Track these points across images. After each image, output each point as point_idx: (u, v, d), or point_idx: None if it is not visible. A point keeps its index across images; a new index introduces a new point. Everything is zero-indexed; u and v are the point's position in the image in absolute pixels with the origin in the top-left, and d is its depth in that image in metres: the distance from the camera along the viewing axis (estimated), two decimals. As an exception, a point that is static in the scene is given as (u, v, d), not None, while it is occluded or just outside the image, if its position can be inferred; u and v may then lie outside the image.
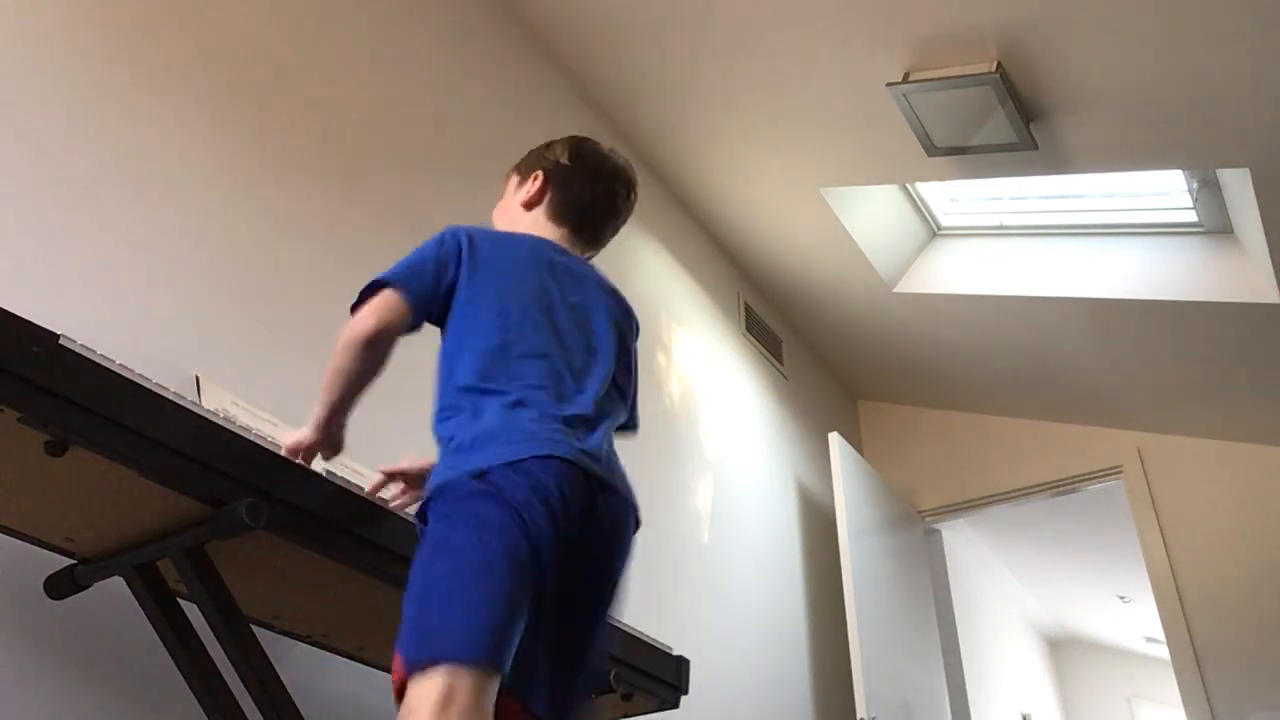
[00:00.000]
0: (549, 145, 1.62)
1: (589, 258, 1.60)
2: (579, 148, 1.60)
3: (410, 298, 1.32)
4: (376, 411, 1.99)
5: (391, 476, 1.50)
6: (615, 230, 1.64)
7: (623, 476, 1.32)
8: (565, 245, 1.52)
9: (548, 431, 1.22)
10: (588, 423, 1.30)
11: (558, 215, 1.55)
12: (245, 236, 1.97)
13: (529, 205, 1.56)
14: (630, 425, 1.58)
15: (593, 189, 1.57)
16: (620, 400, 1.46)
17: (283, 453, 1.27)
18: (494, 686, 1.03)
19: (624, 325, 1.53)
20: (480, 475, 1.15)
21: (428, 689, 0.98)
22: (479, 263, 1.37)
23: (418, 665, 1.00)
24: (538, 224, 1.54)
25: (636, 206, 3.68)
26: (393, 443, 1.91)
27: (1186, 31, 2.43)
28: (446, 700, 0.97)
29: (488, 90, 2.87)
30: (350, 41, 2.44)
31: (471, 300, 1.35)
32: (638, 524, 1.34)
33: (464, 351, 1.30)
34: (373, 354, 1.29)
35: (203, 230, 1.89)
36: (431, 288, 1.35)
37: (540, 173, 1.57)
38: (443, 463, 1.23)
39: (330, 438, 1.36)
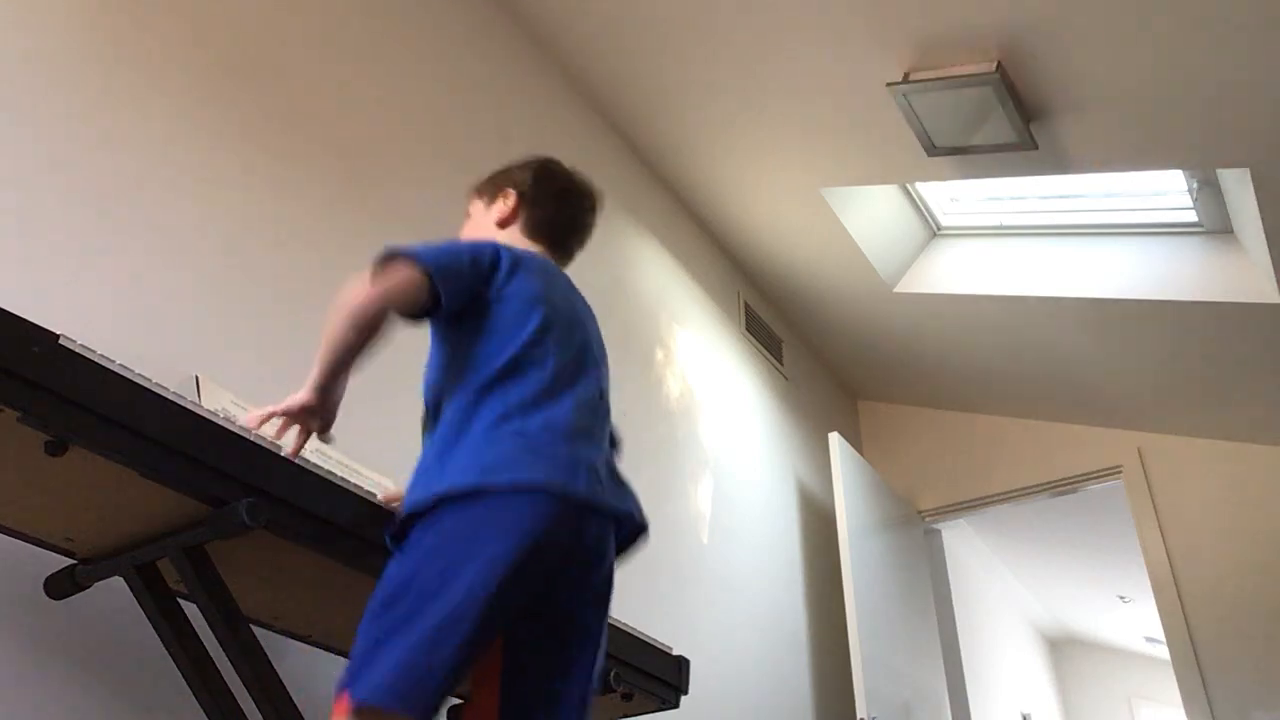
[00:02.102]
0: (510, 168, 1.67)
1: None
2: (547, 168, 1.67)
3: (439, 286, 1.30)
4: (372, 410, 1.98)
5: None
6: (582, 245, 1.69)
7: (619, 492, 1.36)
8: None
9: (554, 456, 1.24)
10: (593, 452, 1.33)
11: (532, 232, 1.60)
12: (245, 236, 1.97)
13: (503, 223, 1.61)
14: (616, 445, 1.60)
15: (562, 207, 1.63)
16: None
17: (282, 410, 1.26)
18: None
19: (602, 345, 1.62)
20: (475, 494, 1.17)
21: None
22: (519, 275, 1.40)
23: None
24: (515, 240, 1.58)
25: (634, 205, 3.67)
26: (390, 442, 1.91)
27: (1186, 32, 2.43)
28: None
29: (490, 91, 2.87)
30: (352, 42, 2.44)
31: (504, 309, 1.36)
32: (640, 530, 1.37)
33: (488, 358, 1.31)
34: (370, 332, 1.27)
35: (202, 230, 1.89)
36: (459, 282, 1.34)
37: (513, 191, 1.62)
38: (435, 472, 1.22)
39: (326, 402, 1.31)
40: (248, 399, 1.72)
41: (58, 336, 1.05)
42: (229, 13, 2.13)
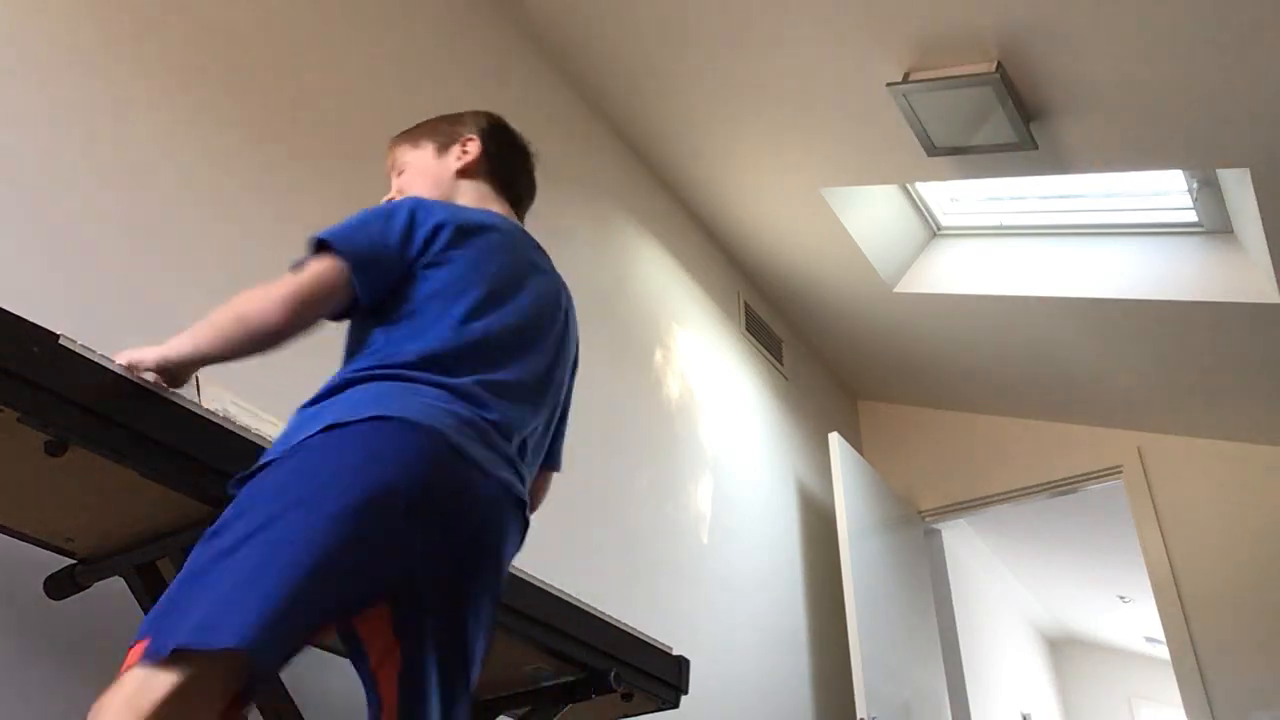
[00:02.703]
0: (461, 116, 1.50)
1: None
2: (499, 119, 1.51)
3: (360, 290, 1.15)
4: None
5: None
6: (528, 207, 1.53)
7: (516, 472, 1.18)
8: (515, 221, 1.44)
9: (436, 404, 1.08)
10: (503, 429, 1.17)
11: (496, 186, 1.45)
12: (245, 236, 1.97)
13: (465, 172, 1.44)
14: (552, 462, 1.43)
15: (519, 162, 1.49)
16: (545, 431, 1.33)
17: (125, 364, 1.13)
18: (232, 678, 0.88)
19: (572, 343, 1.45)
20: (326, 429, 1.01)
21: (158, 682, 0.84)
22: (455, 254, 1.23)
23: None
24: (480, 192, 1.43)
25: (634, 205, 3.67)
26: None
27: (1187, 32, 2.43)
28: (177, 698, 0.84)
29: (488, 89, 2.87)
30: (350, 40, 2.44)
31: (437, 290, 1.20)
32: (525, 524, 1.21)
33: (404, 341, 1.15)
34: (266, 346, 1.14)
35: (202, 229, 1.89)
36: (384, 279, 1.18)
37: (476, 139, 1.45)
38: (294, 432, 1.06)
39: (174, 380, 1.17)
40: (248, 399, 1.72)
41: (58, 336, 1.05)
42: (229, 14, 2.13)
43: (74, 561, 1.36)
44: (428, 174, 1.45)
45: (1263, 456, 3.78)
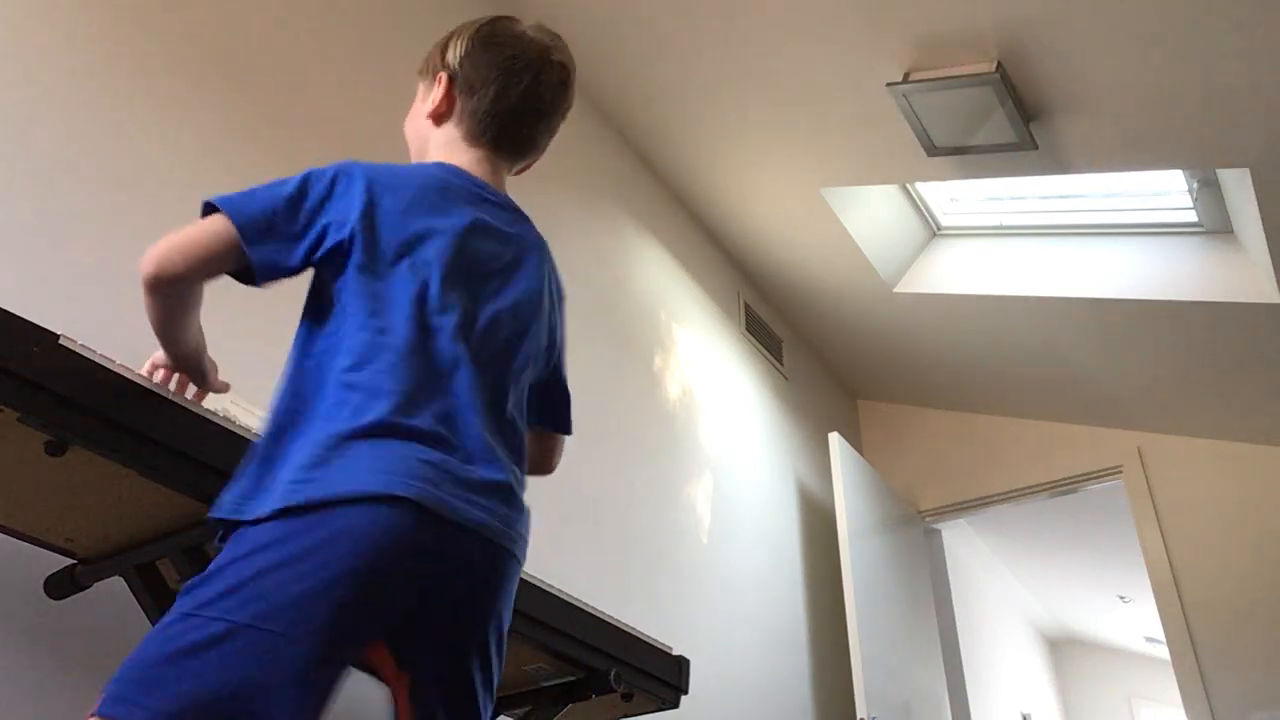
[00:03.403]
0: (449, 37, 1.27)
1: (524, 167, 1.31)
2: (486, 34, 1.24)
3: (245, 245, 1.09)
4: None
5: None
6: (552, 130, 1.29)
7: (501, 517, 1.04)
8: (487, 169, 1.21)
9: (408, 464, 0.96)
10: (480, 452, 1.04)
11: (472, 129, 1.22)
12: (245, 236, 1.97)
13: (437, 117, 1.24)
14: (559, 426, 1.31)
15: (511, 85, 1.21)
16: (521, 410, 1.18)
17: (151, 364, 1.21)
18: None
19: (554, 301, 1.26)
20: (297, 510, 0.91)
21: None
22: (378, 222, 1.09)
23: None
24: (452, 143, 1.22)
25: (634, 205, 3.62)
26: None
27: (1187, 32, 2.43)
28: None
29: (488, 90, 2.87)
30: (354, 43, 2.44)
31: (367, 269, 1.08)
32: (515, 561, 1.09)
33: (337, 345, 1.07)
34: (161, 298, 1.10)
35: (203, 230, 1.89)
36: (275, 241, 1.10)
37: (444, 75, 1.23)
38: (269, 469, 0.97)
39: (178, 364, 1.20)
40: (248, 399, 1.72)
41: (58, 336, 1.05)
42: (228, 11, 2.13)
43: (74, 561, 1.36)
44: (412, 125, 1.29)
45: (1263, 456, 3.78)
